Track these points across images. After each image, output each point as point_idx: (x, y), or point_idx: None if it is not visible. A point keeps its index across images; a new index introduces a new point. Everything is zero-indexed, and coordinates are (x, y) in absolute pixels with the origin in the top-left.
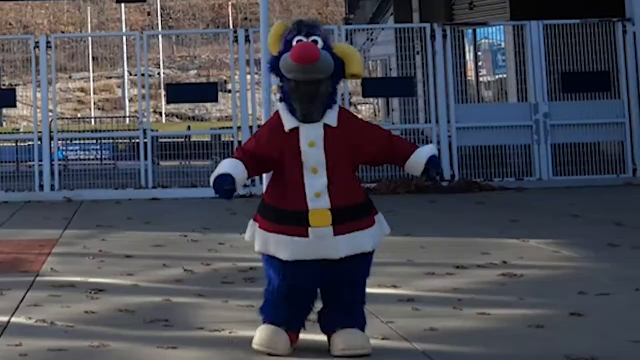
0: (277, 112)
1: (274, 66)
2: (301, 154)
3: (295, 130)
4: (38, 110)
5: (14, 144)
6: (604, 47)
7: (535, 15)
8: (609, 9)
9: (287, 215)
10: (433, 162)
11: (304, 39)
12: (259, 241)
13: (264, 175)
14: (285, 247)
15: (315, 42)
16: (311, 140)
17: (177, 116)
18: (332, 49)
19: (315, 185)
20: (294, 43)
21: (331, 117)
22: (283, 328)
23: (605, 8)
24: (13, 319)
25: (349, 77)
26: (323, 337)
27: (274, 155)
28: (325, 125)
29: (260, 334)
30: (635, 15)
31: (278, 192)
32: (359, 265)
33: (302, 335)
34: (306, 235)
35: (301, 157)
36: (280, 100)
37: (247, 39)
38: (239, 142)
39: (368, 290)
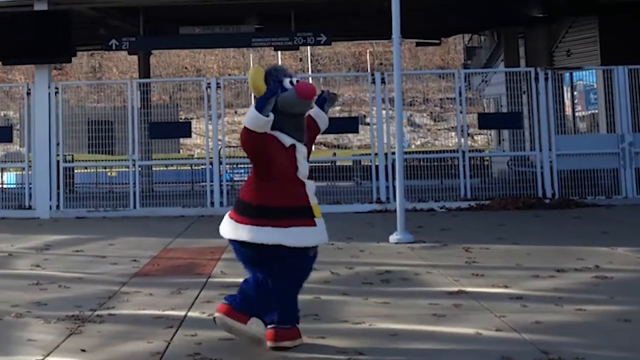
0: (271, 135)
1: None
2: (298, 165)
3: (292, 147)
4: (209, 139)
5: (189, 168)
6: None
7: (622, 61)
8: None
9: (296, 210)
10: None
11: (294, 80)
12: (274, 236)
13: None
14: (304, 235)
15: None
16: (303, 154)
17: (324, 144)
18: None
19: (312, 187)
20: (287, 84)
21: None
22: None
23: None
24: (189, 314)
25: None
26: None
27: (276, 157)
28: (305, 144)
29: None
30: None
31: (281, 195)
32: None
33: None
34: (315, 225)
35: (297, 167)
36: (273, 127)
37: (382, 81)
38: (376, 166)
39: (483, 290)
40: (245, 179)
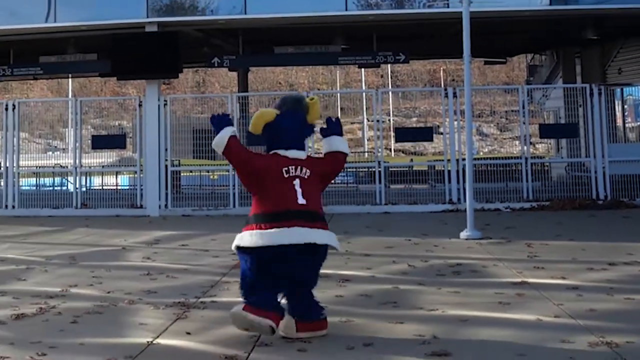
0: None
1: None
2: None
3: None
4: None
5: None
6: None
7: None
8: None
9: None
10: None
11: None
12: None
13: None
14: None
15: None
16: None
17: (402, 151)
18: None
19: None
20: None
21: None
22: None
23: None
24: (283, 300)
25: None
26: None
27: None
28: None
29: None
30: None
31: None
32: None
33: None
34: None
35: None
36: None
37: (454, 95)
38: (449, 171)
39: (543, 280)
40: (337, 183)
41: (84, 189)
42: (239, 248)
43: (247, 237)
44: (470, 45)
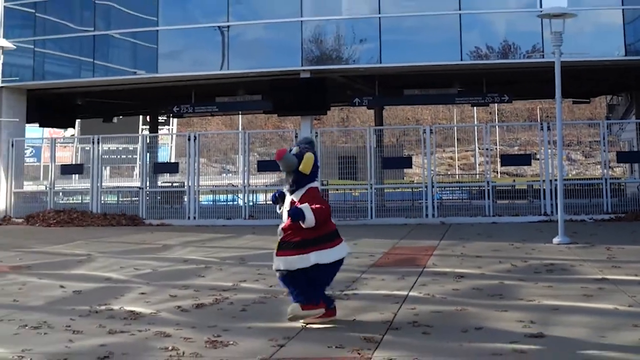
0: None
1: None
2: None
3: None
4: (424, 169)
5: (410, 190)
6: None
7: None
8: None
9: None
10: (289, 213)
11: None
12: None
13: None
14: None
15: (291, 150)
16: (285, 205)
17: (506, 174)
18: (304, 153)
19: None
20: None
21: (297, 194)
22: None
23: None
24: (410, 293)
25: (301, 170)
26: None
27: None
28: (292, 200)
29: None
30: None
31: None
32: None
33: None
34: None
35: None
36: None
37: (548, 128)
38: (544, 189)
39: (620, 277)
40: (450, 197)
41: (250, 203)
42: (319, 265)
43: (331, 253)
44: (560, 88)
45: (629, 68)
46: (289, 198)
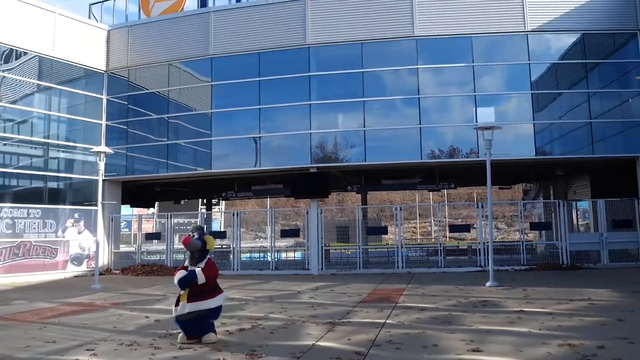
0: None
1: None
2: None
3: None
4: (396, 235)
5: (386, 249)
6: None
7: (603, 196)
8: None
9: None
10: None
11: (189, 234)
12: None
13: None
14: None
15: (194, 235)
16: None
17: (453, 238)
18: (203, 237)
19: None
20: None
21: (200, 265)
22: None
23: None
24: (387, 321)
25: (208, 248)
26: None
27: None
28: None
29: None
30: None
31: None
32: None
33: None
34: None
35: None
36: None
37: (481, 206)
38: (479, 249)
39: (532, 309)
40: (416, 255)
41: (276, 259)
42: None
43: (221, 300)
44: (490, 178)
45: (539, 164)
46: (191, 268)
